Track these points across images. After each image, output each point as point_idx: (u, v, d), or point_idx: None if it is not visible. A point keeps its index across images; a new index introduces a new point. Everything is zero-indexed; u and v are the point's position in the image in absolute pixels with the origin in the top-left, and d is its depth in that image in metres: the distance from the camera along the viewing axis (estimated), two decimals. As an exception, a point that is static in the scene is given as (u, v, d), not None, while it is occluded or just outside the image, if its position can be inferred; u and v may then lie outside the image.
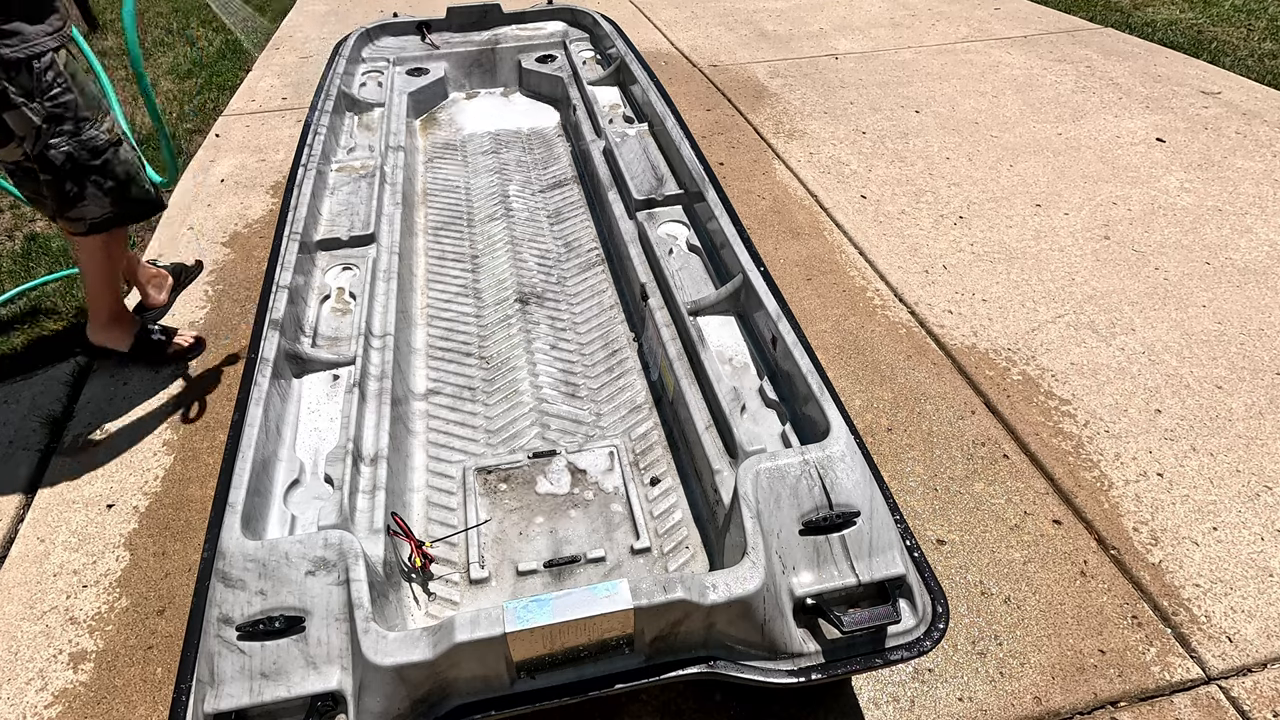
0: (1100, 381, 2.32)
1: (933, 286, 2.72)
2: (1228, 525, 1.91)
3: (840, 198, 3.23)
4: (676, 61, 4.60)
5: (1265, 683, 1.61)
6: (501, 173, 2.64)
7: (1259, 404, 2.23)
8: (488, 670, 1.13)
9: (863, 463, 1.36)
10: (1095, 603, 1.75)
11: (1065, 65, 4.38)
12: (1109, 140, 3.61)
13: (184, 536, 1.92)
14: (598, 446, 1.67)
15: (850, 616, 1.20)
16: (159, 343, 2.35)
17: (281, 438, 1.54)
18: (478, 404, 1.79)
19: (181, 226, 3.14)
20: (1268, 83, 4.12)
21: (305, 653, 1.13)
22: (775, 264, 2.82)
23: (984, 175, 3.37)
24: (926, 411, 2.23)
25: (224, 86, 4.47)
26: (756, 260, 1.80)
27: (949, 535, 1.90)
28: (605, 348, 1.94)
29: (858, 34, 4.91)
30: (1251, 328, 2.51)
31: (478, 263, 2.24)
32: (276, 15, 5.72)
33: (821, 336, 2.50)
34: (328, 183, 2.30)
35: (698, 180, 2.10)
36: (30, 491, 2.06)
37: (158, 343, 2.34)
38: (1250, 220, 3.03)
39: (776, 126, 3.81)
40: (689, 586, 1.16)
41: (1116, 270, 2.78)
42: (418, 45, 3.20)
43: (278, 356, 1.60)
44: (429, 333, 1.99)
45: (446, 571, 1.44)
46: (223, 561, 1.19)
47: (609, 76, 2.92)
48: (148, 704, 1.60)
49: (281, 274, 1.80)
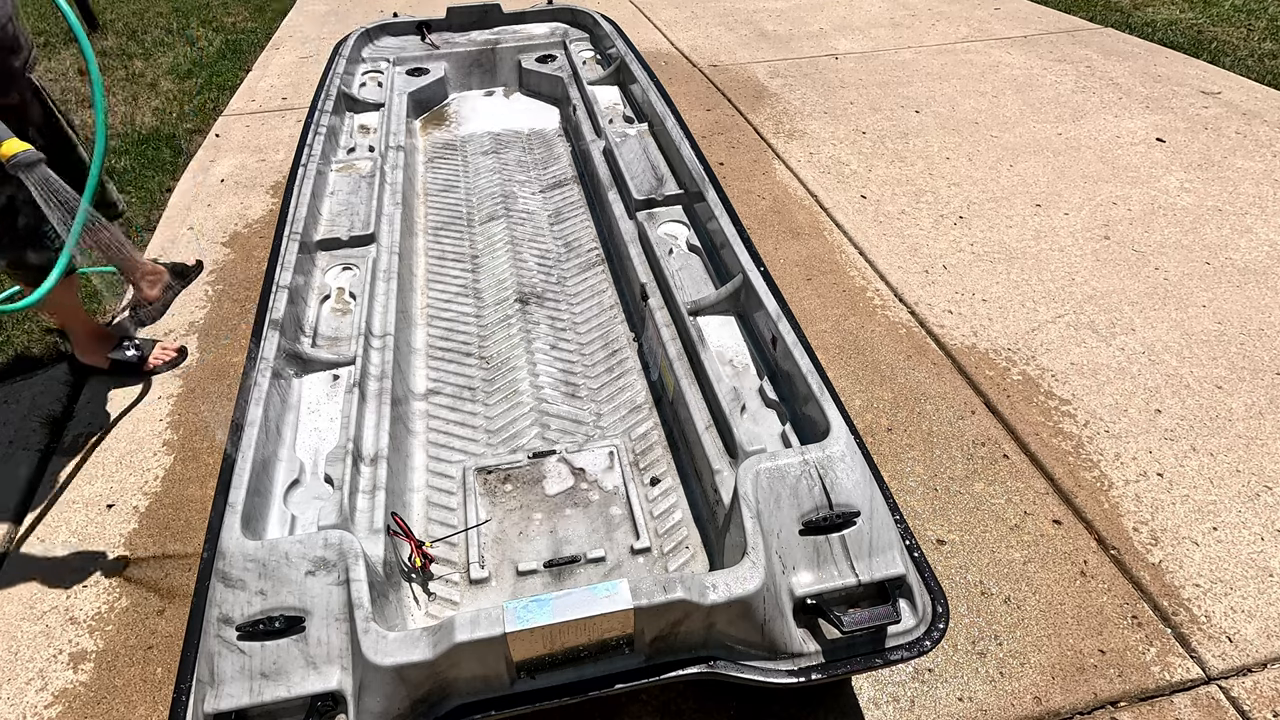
0: (1100, 381, 2.32)
1: (933, 286, 2.72)
2: (1228, 525, 1.91)
3: (840, 198, 3.23)
4: (676, 61, 4.60)
5: (1265, 683, 1.61)
6: (501, 173, 2.64)
7: (1259, 404, 2.23)
8: (488, 670, 1.13)
9: (863, 463, 1.36)
10: (1095, 603, 1.75)
11: (1065, 65, 4.38)
12: (1109, 140, 3.61)
13: (184, 536, 1.92)
14: (598, 446, 1.67)
15: (850, 616, 1.20)
16: (135, 361, 2.40)
17: (281, 438, 1.54)
18: (478, 404, 1.79)
19: (181, 226, 3.14)
20: (1268, 83, 4.12)
21: (305, 653, 1.13)
22: (775, 264, 2.82)
23: (984, 175, 3.37)
24: (926, 411, 2.23)
25: (224, 86, 4.47)
26: (756, 260, 1.80)
27: (949, 535, 1.90)
28: (605, 348, 1.94)
29: (858, 34, 4.91)
30: (1251, 328, 2.51)
31: (478, 263, 2.24)
32: (276, 15, 5.72)
33: (821, 336, 2.50)
34: (328, 183, 2.30)
35: (698, 180, 2.10)
36: (30, 491, 2.06)
37: (134, 361, 2.39)
38: (1250, 220, 3.03)
39: (776, 126, 3.81)
40: (689, 586, 1.16)
41: (1116, 270, 2.78)
42: (418, 45, 3.20)
43: (278, 356, 1.60)
44: (429, 333, 1.99)
45: (446, 571, 1.44)
46: (223, 561, 1.19)
47: (609, 76, 2.91)
48: (148, 704, 1.60)
49: (281, 274, 1.80)
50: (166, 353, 2.44)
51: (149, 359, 2.41)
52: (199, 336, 2.56)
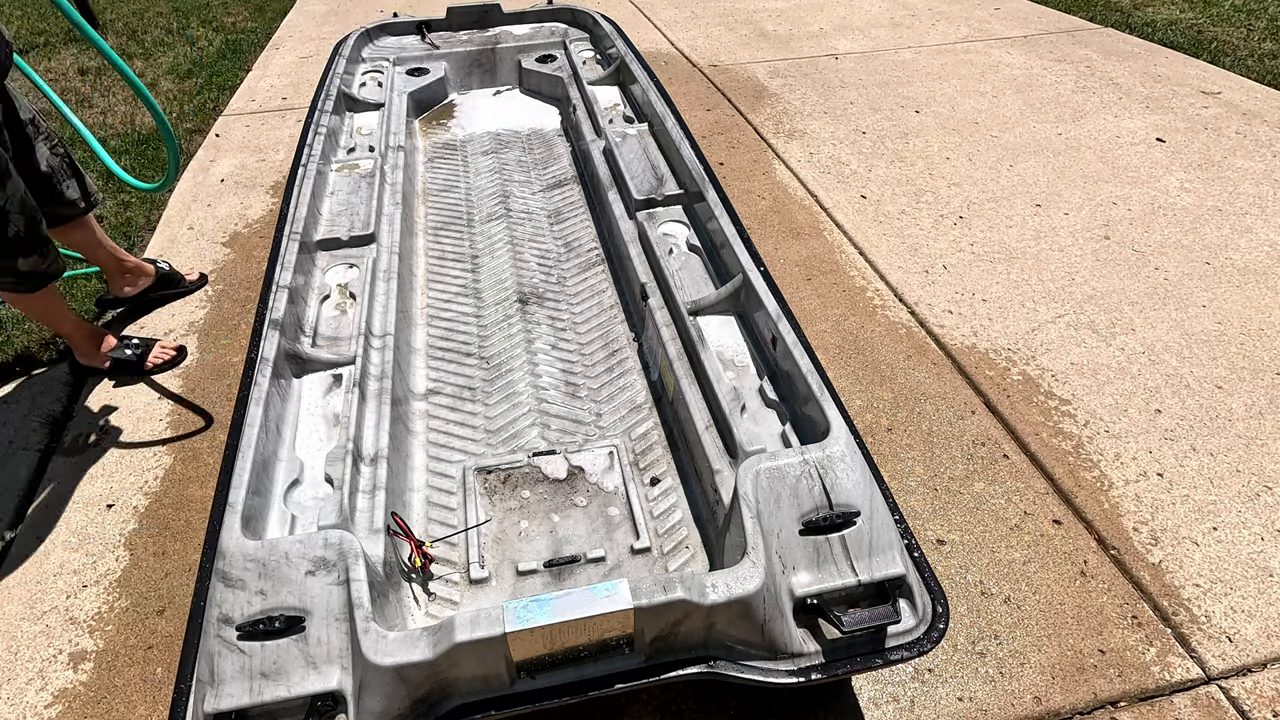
0: (1100, 381, 2.32)
1: (933, 286, 2.72)
2: (1228, 525, 1.91)
3: (840, 198, 3.23)
4: (676, 61, 4.60)
5: (1265, 683, 1.61)
6: (501, 173, 2.64)
7: (1259, 404, 2.23)
8: (488, 670, 1.13)
9: (863, 463, 1.36)
10: (1095, 603, 1.75)
11: (1065, 65, 4.38)
12: (1109, 140, 3.61)
13: (184, 536, 1.92)
14: (598, 446, 1.67)
15: (850, 616, 1.20)
16: (134, 360, 2.39)
17: (281, 438, 1.54)
18: (478, 404, 1.79)
19: (181, 226, 3.14)
20: (1268, 83, 4.12)
21: (305, 652, 1.13)
22: (775, 264, 2.82)
23: (984, 175, 3.37)
24: (926, 411, 2.23)
25: (224, 86, 4.47)
26: (756, 260, 1.80)
27: (949, 535, 1.90)
28: (605, 348, 1.94)
29: (858, 34, 4.91)
30: (1251, 328, 2.51)
31: (478, 263, 2.24)
32: (276, 15, 5.72)
33: (821, 336, 2.50)
34: (328, 183, 2.30)
35: (698, 180, 2.10)
36: (30, 491, 2.06)
37: (133, 360, 2.39)
38: (1250, 220, 3.03)
39: (776, 126, 3.81)
40: (689, 586, 1.16)
41: (1116, 270, 2.78)
42: (418, 45, 3.20)
43: (278, 356, 1.60)
44: (429, 333, 1.99)
45: (446, 571, 1.44)
46: (223, 561, 1.19)
47: (609, 76, 2.91)
48: (148, 704, 1.60)
49: (281, 274, 1.80)
50: (165, 351, 2.44)
51: (149, 358, 2.41)
52: (199, 336, 2.56)
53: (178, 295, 2.74)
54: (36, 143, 2.17)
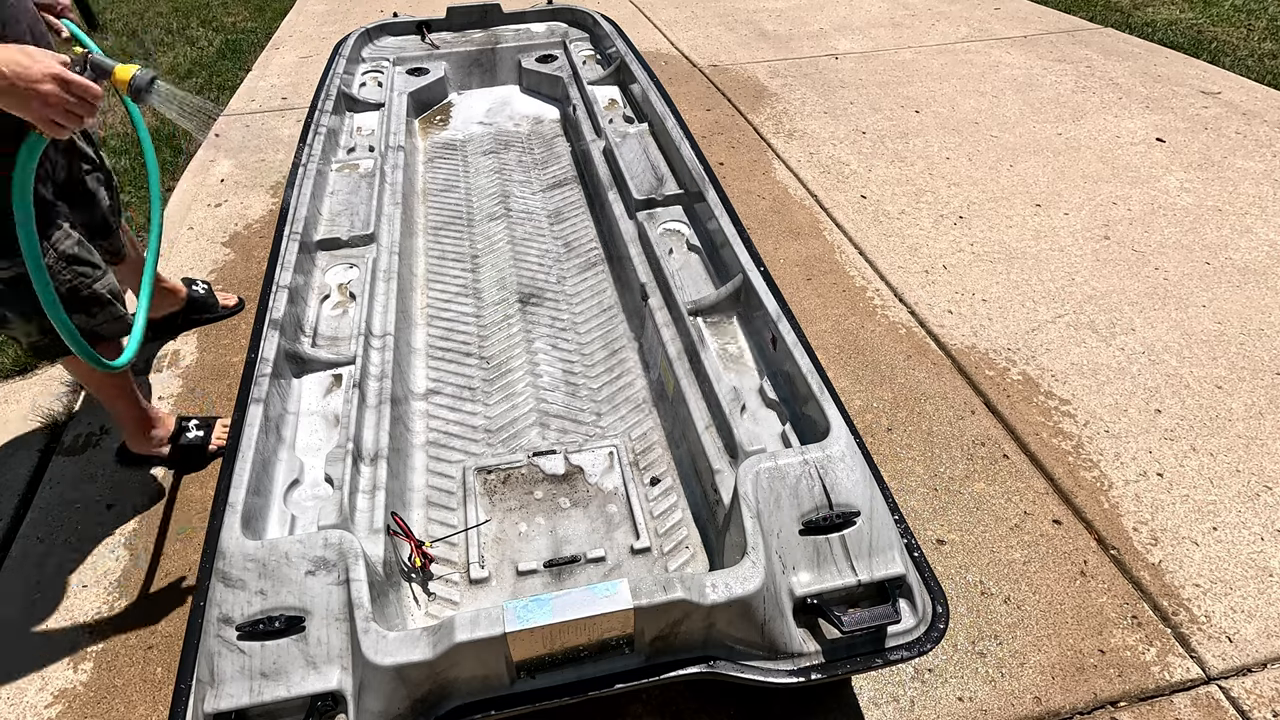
0: (1100, 381, 2.32)
1: (933, 286, 2.72)
2: (1228, 525, 1.91)
3: (840, 198, 3.23)
4: (676, 61, 4.60)
5: (1265, 683, 1.61)
6: (501, 173, 2.64)
7: (1259, 404, 2.23)
8: (488, 670, 1.13)
9: (863, 463, 1.36)
10: (1095, 603, 1.75)
11: (1065, 65, 4.38)
12: (1109, 140, 3.61)
13: (184, 536, 1.92)
14: (598, 446, 1.67)
15: (850, 616, 1.20)
16: (198, 443, 2.07)
17: (281, 438, 1.53)
18: (478, 404, 1.79)
19: (181, 226, 3.14)
20: (1268, 83, 4.12)
21: (305, 652, 1.13)
22: (775, 264, 2.82)
23: (984, 175, 3.36)
24: (926, 411, 2.23)
25: (224, 86, 4.47)
26: (756, 260, 1.80)
27: (949, 535, 1.90)
28: (605, 347, 1.94)
29: (858, 34, 4.91)
30: (1251, 328, 2.51)
31: (478, 262, 2.24)
32: (276, 15, 5.72)
33: (821, 336, 2.50)
34: (328, 183, 2.30)
35: (698, 180, 2.10)
36: (30, 491, 2.06)
37: (196, 443, 2.07)
38: (1250, 220, 3.03)
39: (776, 126, 3.81)
40: (689, 586, 1.16)
41: (1116, 270, 2.78)
42: (418, 45, 3.20)
43: (278, 356, 1.60)
44: (429, 332, 1.99)
45: (446, 571, 1.44)
46: (223, 561, 1.19)
47: (609, 76, 2.91)
48: (148, 704, 1.60)
49: (281, 274, 1.79)
50: (225, 428, 2.09)
51: (212, 439, 2.09)
52: (199, 336, 2.56)
53: (209, 321, 2.54)
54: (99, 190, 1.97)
